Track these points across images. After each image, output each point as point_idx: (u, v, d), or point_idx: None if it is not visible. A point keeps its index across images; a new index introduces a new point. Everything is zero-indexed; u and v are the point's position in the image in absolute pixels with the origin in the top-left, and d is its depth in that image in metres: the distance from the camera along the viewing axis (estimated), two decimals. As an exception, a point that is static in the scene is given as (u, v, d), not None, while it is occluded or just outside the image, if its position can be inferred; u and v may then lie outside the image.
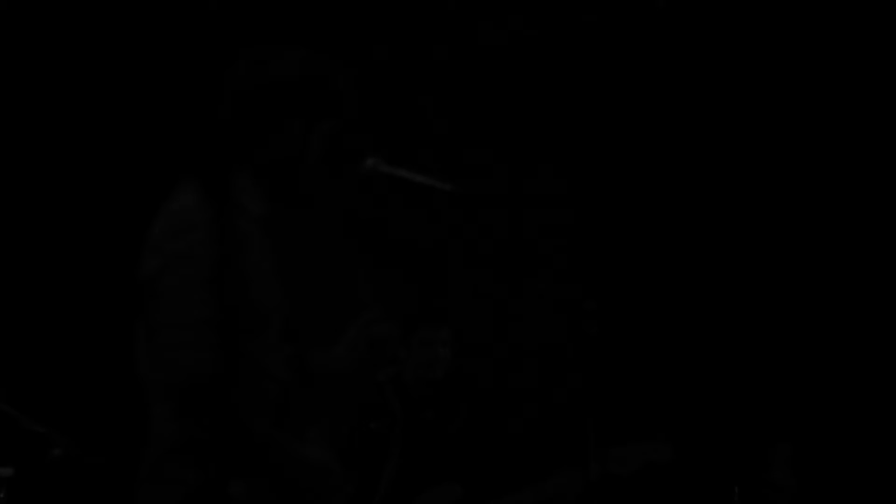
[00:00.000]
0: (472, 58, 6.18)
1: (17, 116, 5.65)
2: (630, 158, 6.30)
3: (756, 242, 6.18)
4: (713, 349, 6.10)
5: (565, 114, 6.28)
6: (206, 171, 2.85)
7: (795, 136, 6.19)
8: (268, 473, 2.72)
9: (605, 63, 6.27)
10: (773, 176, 6.20)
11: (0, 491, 4.31)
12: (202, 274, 2.71)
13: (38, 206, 5.64)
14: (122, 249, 3.12)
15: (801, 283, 6.09)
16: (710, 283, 6.18)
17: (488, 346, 5.98)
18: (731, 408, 6.00)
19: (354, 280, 3.13)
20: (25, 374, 5.28)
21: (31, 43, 5.71)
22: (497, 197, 5.80)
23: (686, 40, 6.22)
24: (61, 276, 5.60)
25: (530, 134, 6.25)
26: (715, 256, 6.20)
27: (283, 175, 2.96)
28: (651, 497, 5.64)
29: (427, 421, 4.65)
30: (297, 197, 3.00)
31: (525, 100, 6.26)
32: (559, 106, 6.28)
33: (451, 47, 6.15)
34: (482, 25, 6.16)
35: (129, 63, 5.72)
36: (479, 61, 6.19)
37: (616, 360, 5.70)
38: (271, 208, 2.97)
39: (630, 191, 6.29)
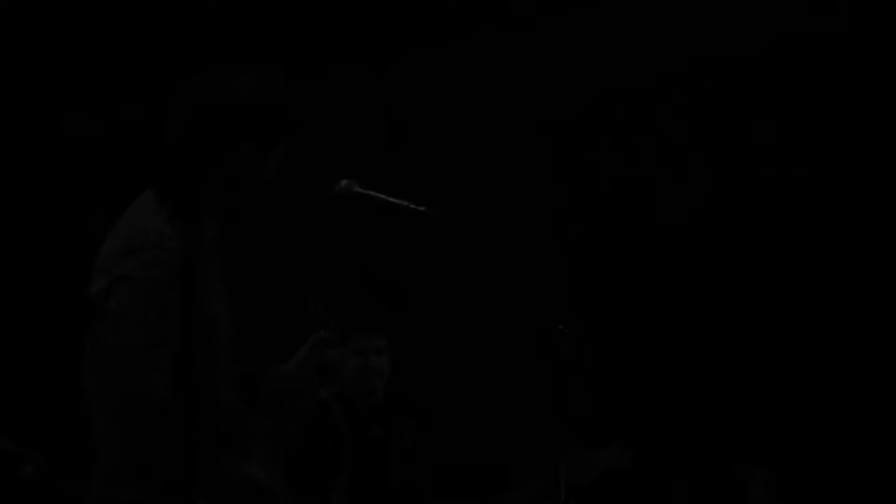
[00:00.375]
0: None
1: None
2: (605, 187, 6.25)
3: (730, 260, 6.15)
4: (692, 371, 6.08)
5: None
6: (170, 190, 2.83)
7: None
8: (213, 494, 2.72)
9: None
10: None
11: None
12: (154, 296, 2.72)
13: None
14: (78, 266, 3.09)
15: (779, 305, 6.05)
16: (686, 297, 6.16)
17: (446, 362, 5.91)
18: (707, 432, 5.99)
19: (305, 301, 3.15)
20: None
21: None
22: (472, 219, 5.75)
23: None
24: (27, 291, 5.61)
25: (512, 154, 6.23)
26: (690, 272, 6.18)
27: (237, 197, 2.96)
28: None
29: (375, 437, 4.54)
30: (251, 219, 3.00)
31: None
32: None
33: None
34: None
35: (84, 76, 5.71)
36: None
37: (586, 373, 5.65)
38: (224, 230, 2.96)
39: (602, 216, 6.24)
